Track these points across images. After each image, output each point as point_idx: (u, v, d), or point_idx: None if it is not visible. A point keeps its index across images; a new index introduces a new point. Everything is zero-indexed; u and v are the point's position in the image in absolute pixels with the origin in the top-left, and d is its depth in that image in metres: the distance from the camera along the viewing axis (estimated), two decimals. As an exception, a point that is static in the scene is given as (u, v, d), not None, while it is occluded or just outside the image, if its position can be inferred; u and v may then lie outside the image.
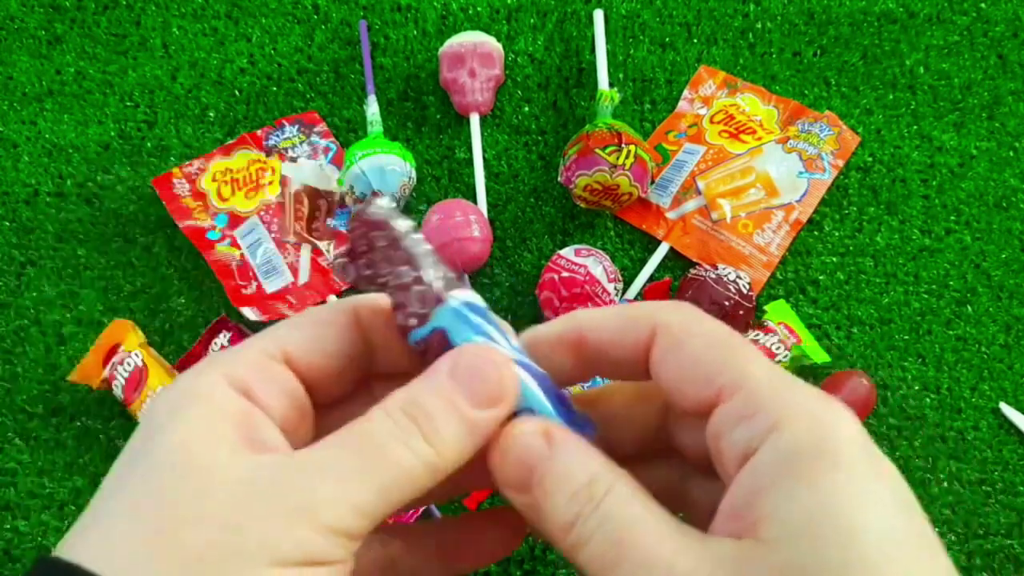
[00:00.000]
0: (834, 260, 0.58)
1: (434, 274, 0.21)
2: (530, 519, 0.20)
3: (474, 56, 0.62)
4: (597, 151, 0.54)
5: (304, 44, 0.67)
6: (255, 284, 0.57)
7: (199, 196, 0.60)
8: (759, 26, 0.67)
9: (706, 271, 0.54)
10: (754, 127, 0.62)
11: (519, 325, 0.23)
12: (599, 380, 0.25)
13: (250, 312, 0.55)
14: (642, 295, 0.57)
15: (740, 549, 0.17)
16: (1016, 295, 0.57)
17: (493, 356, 0.20)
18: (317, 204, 0.60)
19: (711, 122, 0.63)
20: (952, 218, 0.59)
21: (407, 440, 0.19)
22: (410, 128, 0.63)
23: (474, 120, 0.62)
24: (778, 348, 0.52)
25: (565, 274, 0.53)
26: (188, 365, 0.54)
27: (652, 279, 0.58)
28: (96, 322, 0.56)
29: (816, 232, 0.59)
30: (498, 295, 0.58)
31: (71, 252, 0.59)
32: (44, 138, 0.63)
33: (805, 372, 0.54)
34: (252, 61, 0.66)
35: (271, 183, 0.61)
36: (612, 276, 0.53)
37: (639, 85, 0.65)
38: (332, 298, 0.57)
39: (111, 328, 0.54)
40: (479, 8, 0.68)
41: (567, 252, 0.54)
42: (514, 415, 0.21)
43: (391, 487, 0.19)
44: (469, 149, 0.62)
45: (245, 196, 0.60)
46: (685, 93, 0.65)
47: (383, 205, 0.21)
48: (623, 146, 0.55)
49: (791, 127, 0.62)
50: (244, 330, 0.55)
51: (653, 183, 0.60)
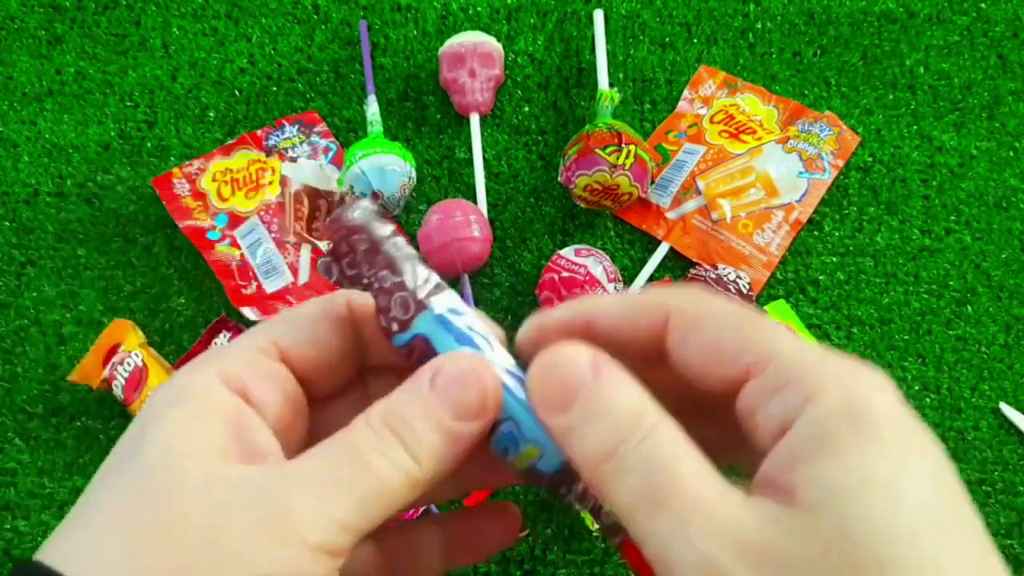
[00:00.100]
0: (834, 260, 0.58)
1: (416, 280, 0.21)
2: (559, 441, 0.20)
3: (474, 56, 0.62)
4: (597, 151, 0.54)
5: (304, 44, 0.67)
6: (255, 284, 0.57)
7: (199, 196, 0.60)
8: (759, 26, 0.67)
9: (706, 271, 0.54)
10: (754, 127, 0.62)
11: (519, 325, 0.22)
12: None
13: (250, 312, 0.55)
14: (642, 295, 0.57)
15: (783, 510, 0.17)
16: (1016, 295, 0.57)
17: (475, 367, 0.20)
18: (317, 204, 0.60)
19: (711, 122, 0.63)
20: (952, 218, 0.59)
21: (387, 451, 0.19)
22: (410, 128, 0.63)
23: (474, 120, 0.62)
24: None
25: (565, 274, 0.53)
26: (188, 365, 0.54)
27: (652, 279, 0.58)
28: (96, 322, 0.56)
29: (816, 232, 0.59)
30: (498, 295, 0.58)
31: (71, 252, 0.59)
32: (44, 138, 0.63)
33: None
34: (252, 61, 0.66)
35: (271, 183, 0.61)
36: (612, 276, 0.53)
37: (639, 85, 0.65)
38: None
39: (111, 328, 0.54)
40: (479, 8, 0.68)
41: (567, 252, 0.54)
42: (497, 424, 0.20)
43: (372, 500, 0.19)
44: (469, 149, 0.62)
45: (245, 196, 0.60)
46: (685, 93, 0.65)
47: (364, 207, 0.21)
48: (623, 146, 0.55)
49: (791, 127, 0.62)
50: (244, 330, 0.55)
51: (653, 183, 0.60)
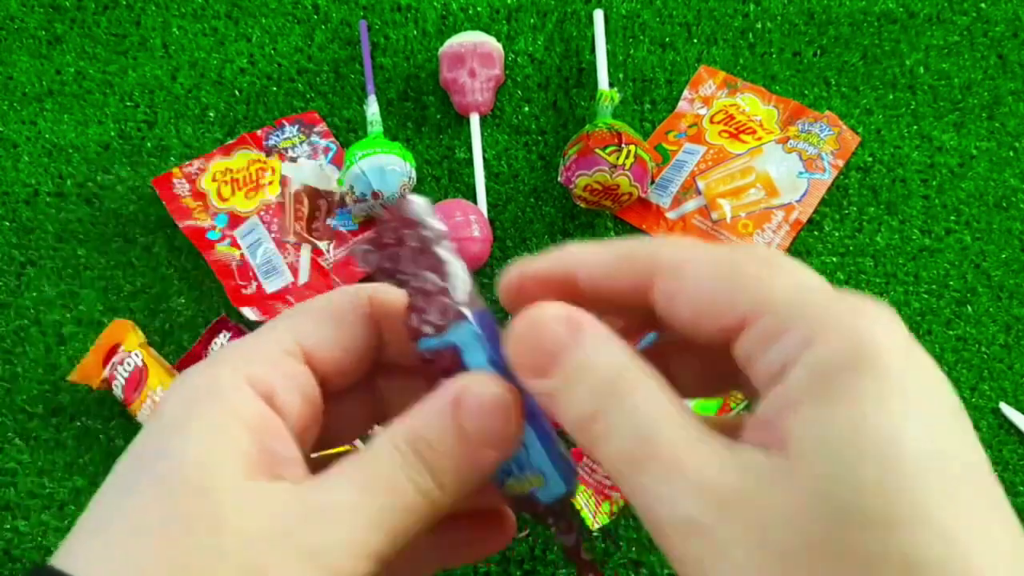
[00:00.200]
0: (834, 260, 0.58)
1: (461, 289, 0.21)
2: (543, 404, 0.19)
3: (474, 56, 0.62)
4: (597, 151, 0.54)
5: (304, 44, 0.67)
6: (255, 284, 0.57)
7: (199, 196, 0.60)
8: (759, 26, 0.67)
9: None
10: (754, 127, 0.62)
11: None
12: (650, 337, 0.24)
13: (250, 312, 0.55)
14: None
15: (768, 461, 0.16)
16: (1016, 295, 0.57)
17: (505, 396, 0.20)
18: (317, 204, 0.60)
19: (711, 122, 0.63)
20: (952, 218, 0.59)
21: (416, 478, 0.19)
22: (410, 128, 0.63)
23: (474, 120, 0.62)
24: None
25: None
26: (188, 365, 0.54)
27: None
28: (96, 322, 0.56)
29: (816, 232, 0.59)
30: (498, 295, 0.58)
31: (71, 252, 0.59)
32: (44, 138, 0.63)
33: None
34: (252, 61, 0.66)
35: (271, 183, 0.61)
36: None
37: (639, 85, 0.65)
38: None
39: (111, 328, 0.54)
40: (479, 8, 0.68)
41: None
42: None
43: (400, 530, 0.19)
44: (469, 149, 0.62)
45: (245, 196, 0.60)
46: (685, 93, 0.65)
47: (422, 204, 0.21)
48: (623, 146, 0.55)
49: (791, 127, 0.62)
50: (244, 330, 0.55)
51: (653, 183, 0.60)
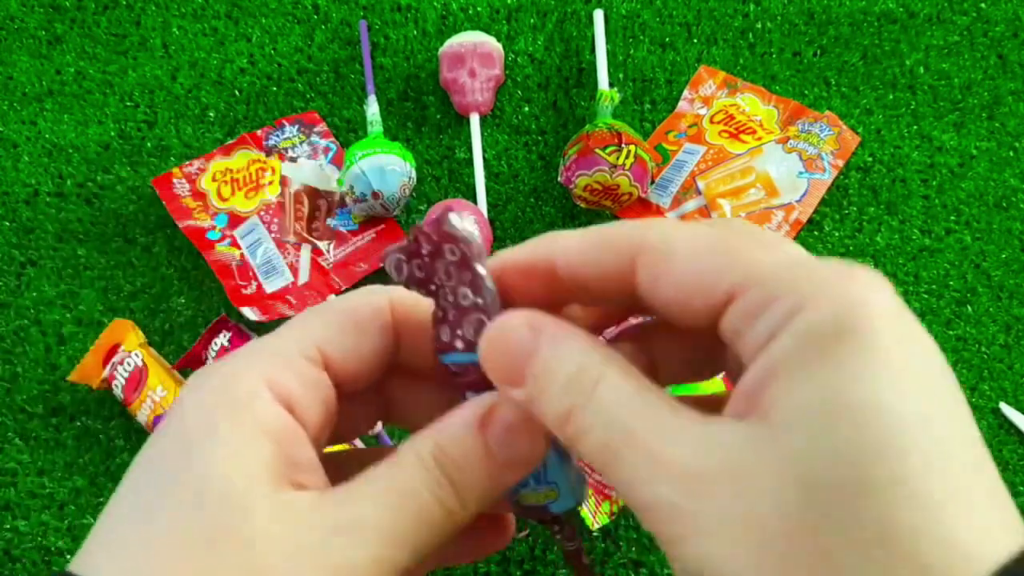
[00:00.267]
0: (834, 260, 0.58)
1: (495, 306, 0.21)
2: (530, 413, 0.19)
3: (474, 56, 0.62)
4: (597, 151, 0.54)
5: (304, 44, 0.67)
6: (255, 284, 0.57)
7: (199, 196, 0.60)
8: (759, 26, 0.67)
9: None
10: (754, 127, 0.62)
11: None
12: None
13: (250, 312, 0.55)
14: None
15: (744, 432, 0.16)
16: (1016, 295, 0.57)
17: (531, 419, 0.20)
18: (317, 204, 0.60)
19: (711, 122, 0.63)
20: (952, 218, 0.59)
21: (441, 495, 0.19)
22: (410, 128, 0.63)
23: (474, 120, 0.62)
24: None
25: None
26: (188, 365, 0.54)
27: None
28: (96, 322, 0.56)
29: (816, 232, 0.59)
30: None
31: (71, 252, 0.59)
32: (44, 138, 0.63)
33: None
34: (252, 61, 0.66)
35: (271, 183, 0.61)
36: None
37: (639, 85, 0.65)
38: (332, 298, 0.57)
39: (111, 328, 0.54)
40: (479, 8, 0.68)
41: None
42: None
43: (422, 544, 0.19)
44: (469, 149, 0.62)
45: (245, 196, 0.60)
46: (685, 93, 0.65)
47: (468, 219, 0.21)
48: (623, 146, 0.55)
49: (791, 127, 0.62)
50: (244, 330, 0.55)
51: (653, 183, 0.60)
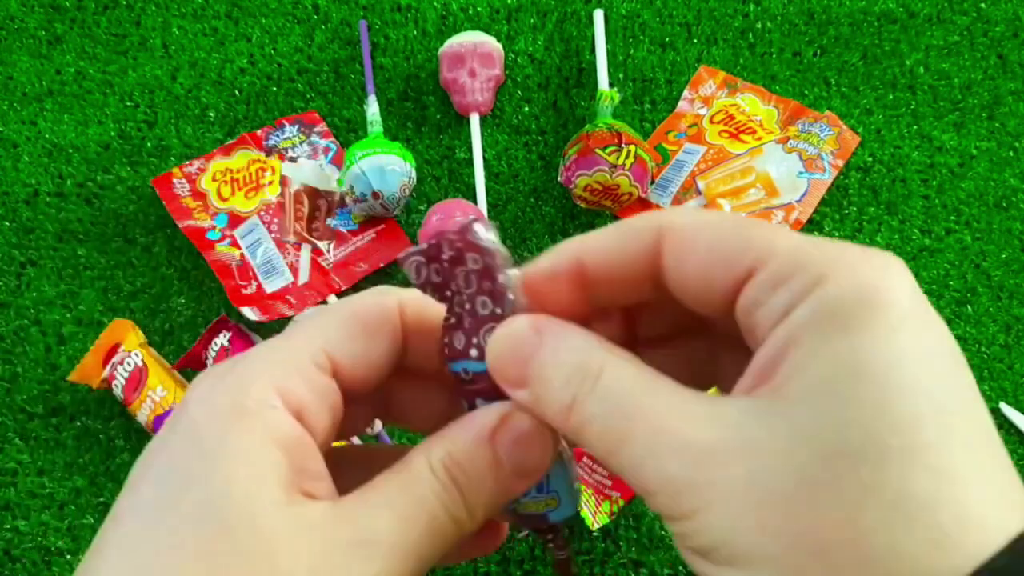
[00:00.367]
0: (834, 260, 0.58)
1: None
2: (537, 414, 0.20)
3: (474, 56, 0.62)
4: (597, 151, 0.54)
5: (304, 44, 0.67)
6: (255, 284, 0.57)
7: (199, 196, 0.60)
8: (759, 26, 0.67)
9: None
10: (754, 127, 0.62)
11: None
12: None
13: (250, 312, 0.55)
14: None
15: (755, 405, 0.15)
16: (1016, 295, 0.57)
17: (542, 429, 0.20)
18: (317, 204, 0.60)
19: (711, 122, 0.63)
20: (952, 218, 0.59)
21: (450, 505, 0.19)
22: (410, 128, 0.63)
23: (474, 120, 0.62)
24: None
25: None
26: (188, 365, 0.53)
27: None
28: (96, 322, 0.56)
29: (816, 232, 0.59)
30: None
31: (71, 252, 0.59)
32: (44, 138, 0.63)
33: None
34: (252, 61, 0.66)
35: (271, 183, 0.61)
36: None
37: (639, 85, 0.65)
38: (332, 298, 0.57)
39: (111, 328, 0.54)
40: (479, 8, 0.68)
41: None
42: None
43: (430, 554, 0.19)
44: (469, 149, 0.62)
45: (245, 196, 0.60)
46: (685, 93, 0.65)
47: (493, 228, 0.21)
48: (623, 146, 0.55)
49: (791, 127, 0.62)
50: (244, 330, 0.55)
51: (653, 183, 0.60)
